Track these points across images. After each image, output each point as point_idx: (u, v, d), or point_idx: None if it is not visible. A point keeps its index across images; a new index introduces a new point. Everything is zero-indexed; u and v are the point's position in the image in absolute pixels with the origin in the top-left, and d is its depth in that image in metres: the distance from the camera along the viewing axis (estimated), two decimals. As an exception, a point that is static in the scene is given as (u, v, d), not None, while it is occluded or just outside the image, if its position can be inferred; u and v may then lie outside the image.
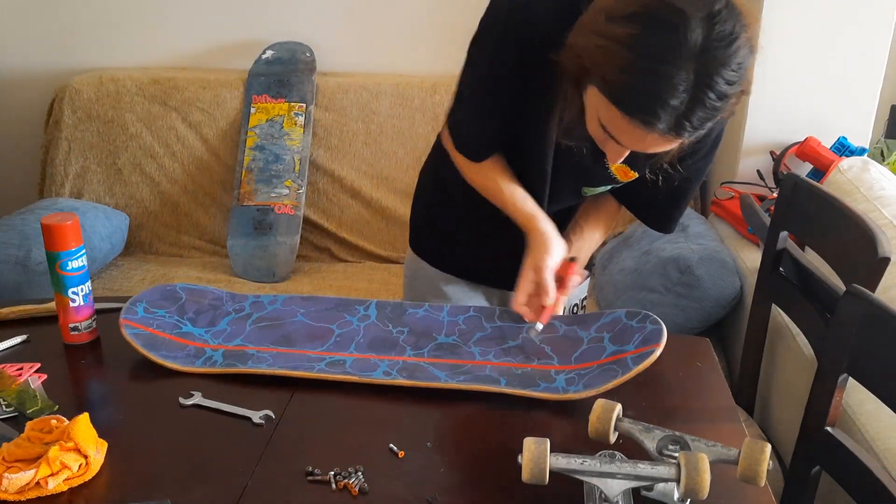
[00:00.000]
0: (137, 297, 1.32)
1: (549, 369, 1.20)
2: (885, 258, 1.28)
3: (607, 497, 0.89)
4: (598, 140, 1.12)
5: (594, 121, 1.07)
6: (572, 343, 1.26)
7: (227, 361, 1.21)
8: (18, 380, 1.17)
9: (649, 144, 1.04)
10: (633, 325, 1.23)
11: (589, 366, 1.20)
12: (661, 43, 0.94)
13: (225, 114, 2.64)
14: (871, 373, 1.11)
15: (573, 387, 1.15)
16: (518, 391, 1.15)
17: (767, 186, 2.25)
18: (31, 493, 0.95)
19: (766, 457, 0.88)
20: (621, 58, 0.96)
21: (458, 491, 0.97)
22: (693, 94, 0.95)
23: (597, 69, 1.00)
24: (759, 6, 2.13)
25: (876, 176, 1.83)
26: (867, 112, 2.21)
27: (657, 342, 1.17)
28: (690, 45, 0.93)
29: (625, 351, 1.19)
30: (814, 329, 1.46)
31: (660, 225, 1.42)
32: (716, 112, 0.98)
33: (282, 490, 0.97)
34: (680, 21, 0.93)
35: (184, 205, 2.67)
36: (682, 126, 0.98)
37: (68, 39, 2.79)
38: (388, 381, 1.17)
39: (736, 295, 1.97)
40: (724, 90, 0.96)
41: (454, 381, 1.17)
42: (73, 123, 2.63)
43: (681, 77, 0.94)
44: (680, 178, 1.25)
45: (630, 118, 0.99)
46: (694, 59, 0.94)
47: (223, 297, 1.36)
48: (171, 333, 1.27)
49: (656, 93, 0.95)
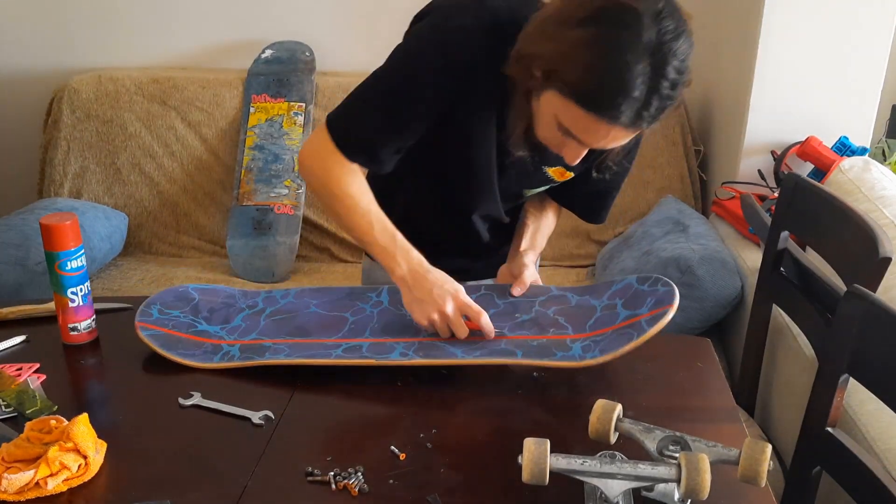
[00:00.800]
0: (151, 299, 1.32)
1: (564, 338, 1.21)
2: (886, 258, 1.28)
3: (608, 497, 0.88)
4: (554, 144, 1.17)
5: (549, 126, 1.12)
6: (586, 312, 1.27)
7: (245, 355, 1.22)
8: (18, 380, 1.17)
9: (611, 140, 1.10)
10: (644, 290, 1.24)
11: (604, 332, 1.21)
12: (620, 41, 1.00)
13: (224, 113, 2.64)
14: (872, 373, 1.11)
15: (590, 353, 1.16)
16: (535, 361, 1.16)
17: (768, 186, 2.25)
18: (30, 493, 0.95)
19: (767, 457, 0.88)
20: (584, 59, 1.02)
21: (458, 491, 0.97)
22: (650, 85, 1.02)
23: (558, 73, 1.05)
24: (759, 6, 2.13)
25: (877, 176, 1.82)
26: (868, 112, 2.21)
27: (670, 303, 1.18)
28: (645, 40, 1.00)
29: (638, 315, 1.20)
30: (815, 329, 1.45)
31: (593, 217, 1.49)
32: (670, 101, 1.05)
33: (281, 491, 0.97)
34: (634, 19, 1.00)
35: (183, 205, 2.67)
36: (641, 117, 1.05)
37: (67, 39, 2.79)
38: (405, 362, 1.17)
39: (737, 295, 1.97)
40: (676, 79, 1.03)
41: (471, 357, 1.17)
42: (72, 123, 2.63)
43: (639, 70, 1.01)
44: (611, 175, 1.32)
45: (597, 115, 1.05)
46: (649, 54, 1.01)
47: (236, 295, 1.37)
48: (187, 333, 1.27)
49: (620, 88, 1.01)
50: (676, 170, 2.55)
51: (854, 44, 2.13)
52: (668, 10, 1.02)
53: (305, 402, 1.15)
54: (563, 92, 1.05)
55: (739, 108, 2.29)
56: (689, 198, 2.55)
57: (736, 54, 2.35)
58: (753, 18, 2.18)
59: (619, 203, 2.55)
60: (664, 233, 2.22)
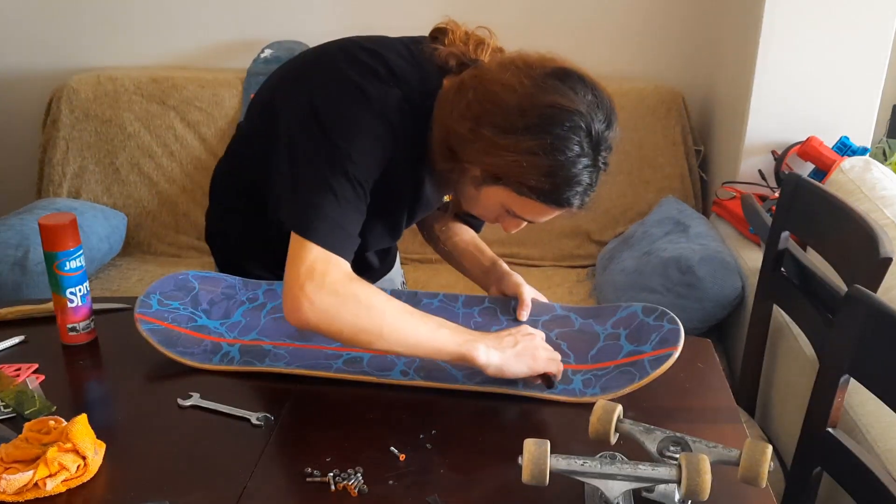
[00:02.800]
0: (151, 287, 1.31)
1: (566, 369, 1.20)
2: (886, 258, 1.28)
3: (608, 498, 0.88)
4: (491, 219, 1.25)
5: (492, 209, 1.20)
6: (588, 339, 1.27)
7: (245, 359, 1.21)
8: (16, 380, 1.17)
9: (556, 216, 1.18)
10: (650, 323, 1.24)
11: (606, 366, 1.21)
12: (570, 143, 1.08)
13: (223, 113, 2.64)
14: (873, 373, 1.10)
15: (590, 389, 1.16)
16: (535, 394, 1.16)
17: (769, 186, 2.25)
18: (29, 494, 0.94)
19: (768, 458, 0.88)
20: (541, 166, 1.08)
21: (458, 491, 0.96)
22: (593, 172, 1.12)
23: (512, 177, 1.11)
24: (759, 6, 2.13)
25: (878, 176, 1.82)
26: (869, 112, 2.21)
27: (675, 344, 1.17)
28: (590, 135, 1.09)
29: (642, 352, 1.20)
30: (815, 329, 1.45)
31: None
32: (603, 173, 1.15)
33: (280, 491, 0.97)
34: (581, 120, 1.08)
35: (182, 204, 2.67)
36: (588, 197, 1.14)
37: (66, 39, 2.79)
38: (405, 382, 1.17)
39: (737, 295, 1.97)
40: (608, 156, 1.13)
41: (472, 384, 1.17)
42: (71, 123, 2.63)
43: (585, 164, 1.10)
44: None
45: (554, 207, 1.13)
46: (592, 147, 1.10)
47: (236, 285, 1.36)
48: (186, 327, 1.27)
49: (573, 182, 1.10)
50: (677, 170, 2.55)
51: (854, 44, 2.13)
52: (597, 99, 1.10)
53: (304, 402, 1.15)
54: (520, 191, 1.11)
55: (740, 108, 2.29)
56: (689, 198, 2.55)
57: (736, 54, 2.35)
58: (754, 18, 2.18)
59: (619, 203, 2.60)
60: (664, 233, 2.22)
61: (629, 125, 2.49)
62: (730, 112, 2.43)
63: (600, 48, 2.66)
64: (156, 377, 1.20)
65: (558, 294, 2.34)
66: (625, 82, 2.56)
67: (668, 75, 2.66)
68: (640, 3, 2.62)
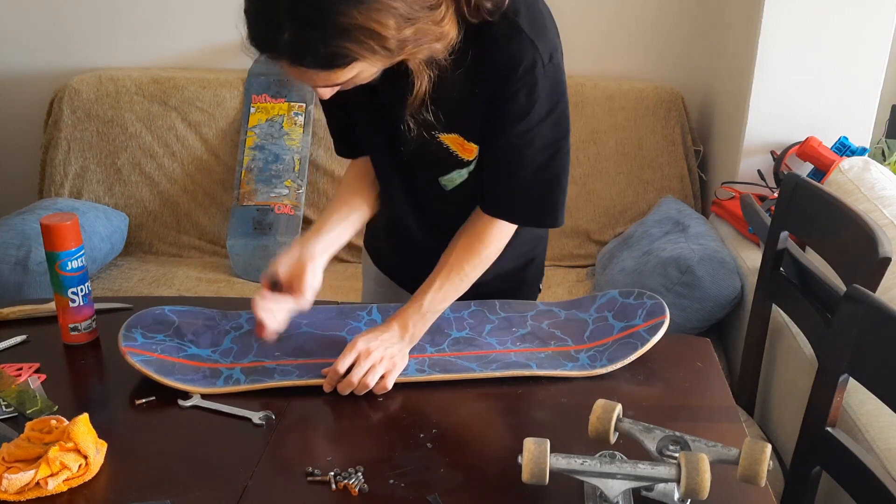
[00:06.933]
0: (130, 321, 1.25)
1: (568, 350, 1.24)
2: (885, 258, 1.28)
3: (607, 497, 0.88)
4: None
5: None
6: (579, 324, 1.31)
7: (252, 378, 1.18)
8: (18, 380, 1.17)
9: (305, 78, 1.09)
10: (631, 303, 1.30)
11: (604, 342, 1.25)
12: None
13: (224, 113, 2.64)
14: (872, 373, 1.11)
15: (598, 362, 1.21)
16: (549, 372, 1.19)
17: (768, 186, 2.25)
18: (30, 493, 0.95)
19: (767, 457, 0.88)
20: None
21: (458, 491, 0.97)
22: None
23: None
24: (759, 6, 2.14)
25: (877, 176, 1.82)
26: (868, 112, 2.21)
27: (662, 314, 1.26)
28: None
29: (634, 325, 1.26)
30: (814, 329, 1.45)
31: (539, 220, 1.27)
32: None
33: (282, 491, 0.97)
34: None
35: (183, 205, 2.67)
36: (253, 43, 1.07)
37: (68, 39, 2.79)
38: (424, 378, 1.18)
39: (736, 295, 1.97)
40: None
41: (488, 371, 1.19)
42: (73, 123, 2.63)
43: None
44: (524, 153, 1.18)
45: None
46: None
47: (215, 317, 1.31)
48: (178, 356, 1.22)
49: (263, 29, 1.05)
50: (676, 170, 2.55)
51: (854, 44, 2.13)
52: None
53: (305, 402, 1.15)
54: None
55: (739, 109, 2.29)
56: (688, 198, 2.55)
57: (736, 55, 2.35)
58: (753, 18, 2.18)
59: (618, 203, 2.60)
60: (664, 233, 2.22)
61: (629, 125, 2.50)
62: (729, 112, 2.43)
63: (600, 48, 2.66)
64: (157, 377, 1.20)
65: (558, 294, 2.34)
66: (624, 82, 2.56)
67: (668, 76, 2.66)
68: (639, 3, 2.62)
